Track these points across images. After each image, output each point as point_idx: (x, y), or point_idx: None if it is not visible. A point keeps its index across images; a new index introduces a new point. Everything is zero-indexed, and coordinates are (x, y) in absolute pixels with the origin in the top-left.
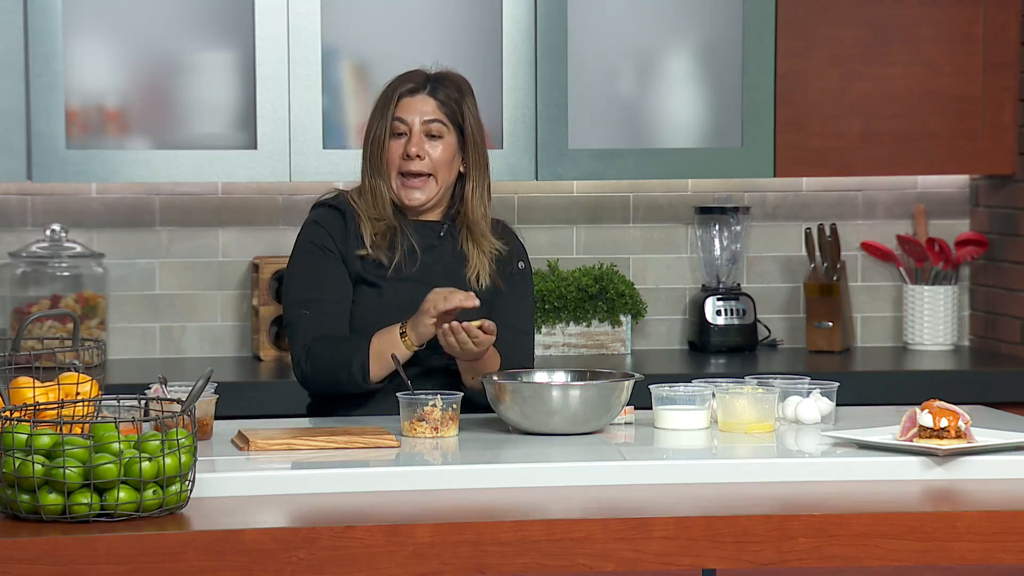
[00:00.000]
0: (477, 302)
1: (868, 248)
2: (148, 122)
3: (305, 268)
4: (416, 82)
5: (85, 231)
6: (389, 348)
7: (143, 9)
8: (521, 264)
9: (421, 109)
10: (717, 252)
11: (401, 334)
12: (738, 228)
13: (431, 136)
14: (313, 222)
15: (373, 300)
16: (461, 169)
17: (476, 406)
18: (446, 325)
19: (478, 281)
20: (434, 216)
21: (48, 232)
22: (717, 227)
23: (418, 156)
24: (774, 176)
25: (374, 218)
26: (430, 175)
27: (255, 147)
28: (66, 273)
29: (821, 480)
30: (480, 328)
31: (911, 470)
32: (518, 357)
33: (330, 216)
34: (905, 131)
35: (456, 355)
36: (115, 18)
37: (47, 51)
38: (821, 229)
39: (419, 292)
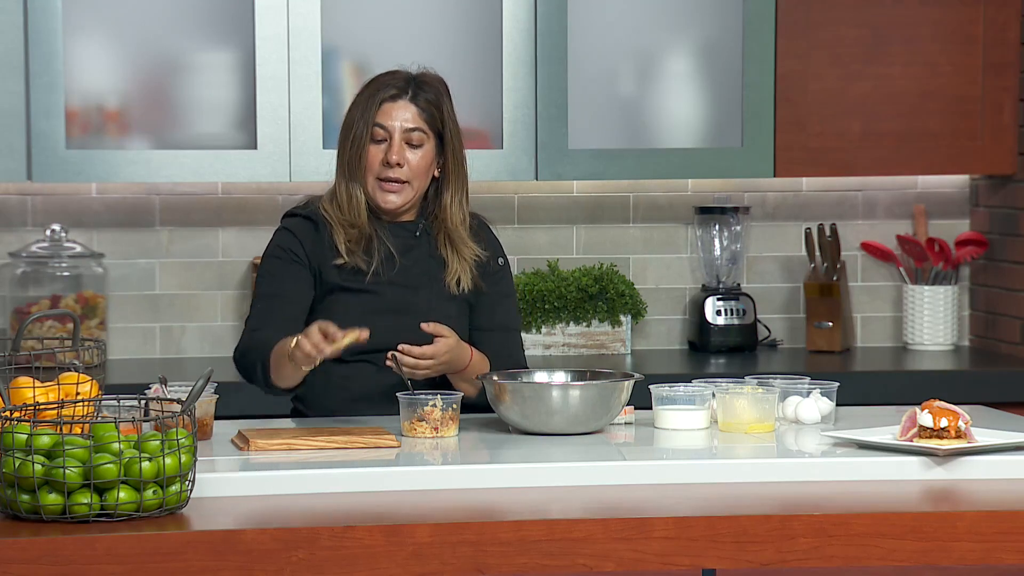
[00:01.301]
0: (343, 342)
1: (868, 248)
2: (148, 122)
3: (268, 268)
4: (397, 87)
5: (85, 231)
6: (282, 364)
7: (143, 9)
8: (500, 260)
9: (402, 116)
10: (717, 252)
11: (289, 354)
12: (738, 228)
13: (411, 144)
14: (284, 229)
15: (356, 307)
16: (436, 173)
17: (474, 407)
18: (388, 362)
19: (459, 286)
20: (408, 216)
21: (48, 232)
22: (717, 227)
23: (398, 164)
24: (774, 176)
25: (347, 224)
26: (407, 182)
27: (255, 147)
28: (66, 273)
29: (821, 480)
30: (431, 330)
31: (911, 470)
32: (511, 355)
33: (303, 226)
34: (905, 131)
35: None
36: (115, 18)
37: (47, 51)
38: (821, 229)
39: (402, 294)
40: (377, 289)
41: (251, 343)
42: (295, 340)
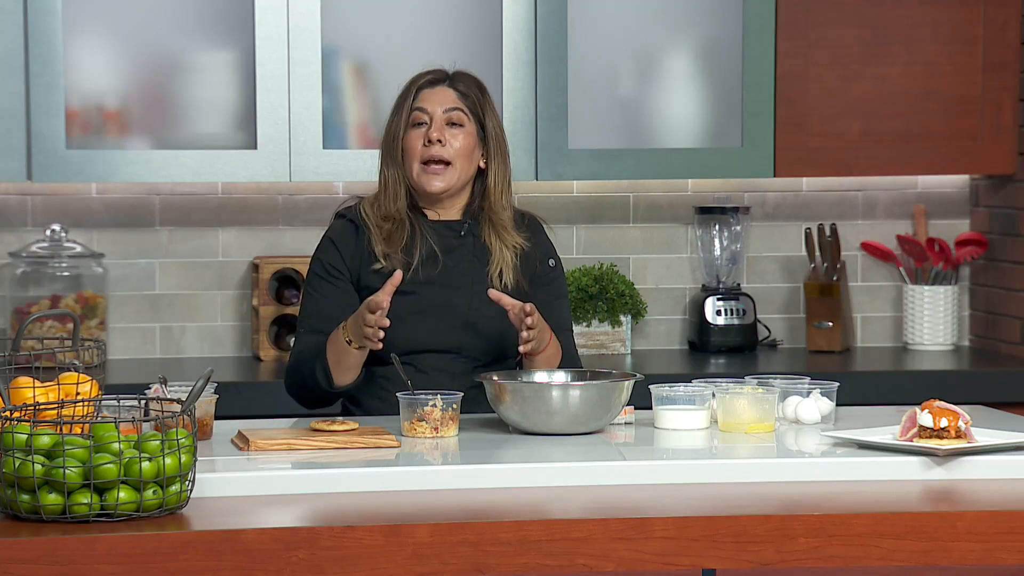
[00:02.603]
0: (399, 275)
1: (868, 248)
2: (148, 122)
3: (315, 285)
4: (435, 75)
5: (85, 231)
6: (344, 356)
7: (143, 9)
8: (552, 261)
9: (441, 99)
10: (717, 252)
11: (347, 341)
12: (738, 228)
13: (452, 124)
14: (327, 238)
15: (393, 309)
16: (481, 164)
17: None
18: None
19: (501, 279)
20: (453, 215)
21: (48, 232)
22: (717, 227)
23: (439, 141)
24: (774, 176)
25: (384, 218)
26: (449, 163)
27: (255, 147)
28: (66, 273)
29: (821, 480)
30: (523, 311)
31: (911, 470)
32: (569, 354)
33: (345, 231)
34: (905, 131)
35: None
36: (115, 18)
37: (47, 51)
38: (821, 229)
39: (443, 294)
40: (415, 290)
41: (302, 353)
42: (346, 328)
